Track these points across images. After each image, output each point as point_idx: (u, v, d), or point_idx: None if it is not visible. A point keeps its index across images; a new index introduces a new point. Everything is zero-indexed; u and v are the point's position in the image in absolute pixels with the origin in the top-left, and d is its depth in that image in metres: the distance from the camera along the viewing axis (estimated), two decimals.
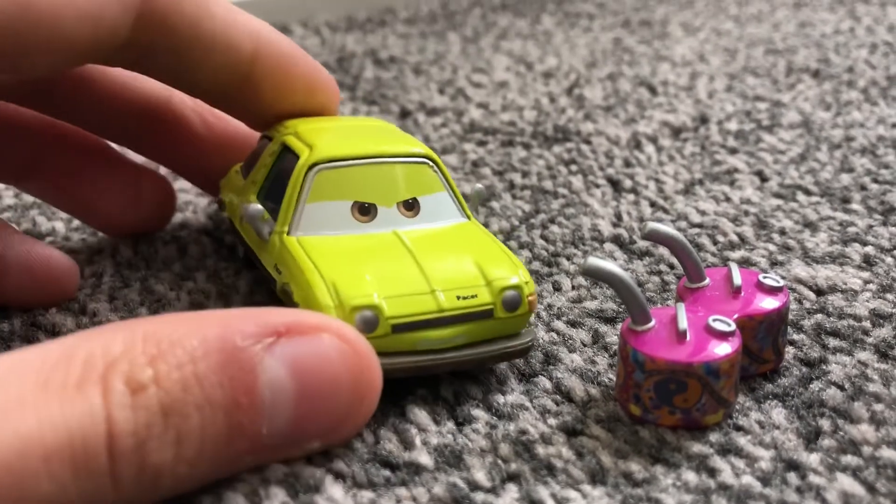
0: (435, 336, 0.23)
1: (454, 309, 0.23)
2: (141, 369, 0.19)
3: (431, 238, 0.26)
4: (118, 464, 0.18)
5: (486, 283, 0.24)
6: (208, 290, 0.30)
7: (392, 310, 0.23)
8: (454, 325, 0.23)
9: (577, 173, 0.39)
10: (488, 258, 0.25)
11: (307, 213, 0.25)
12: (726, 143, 0.42)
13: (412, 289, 0.23)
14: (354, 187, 0.26)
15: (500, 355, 0.24)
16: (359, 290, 0.23)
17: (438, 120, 0.47)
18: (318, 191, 0.26)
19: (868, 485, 0.21)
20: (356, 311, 0.22)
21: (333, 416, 0.21)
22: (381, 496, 0.21)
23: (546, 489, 0.21)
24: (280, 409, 0.20)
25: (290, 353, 0.20)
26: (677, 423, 0.23)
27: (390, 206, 0.26)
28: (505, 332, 0.24)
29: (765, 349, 0.25)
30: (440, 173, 0.27)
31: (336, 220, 0.25)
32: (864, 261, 0.31)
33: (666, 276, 0.31)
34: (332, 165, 0.26)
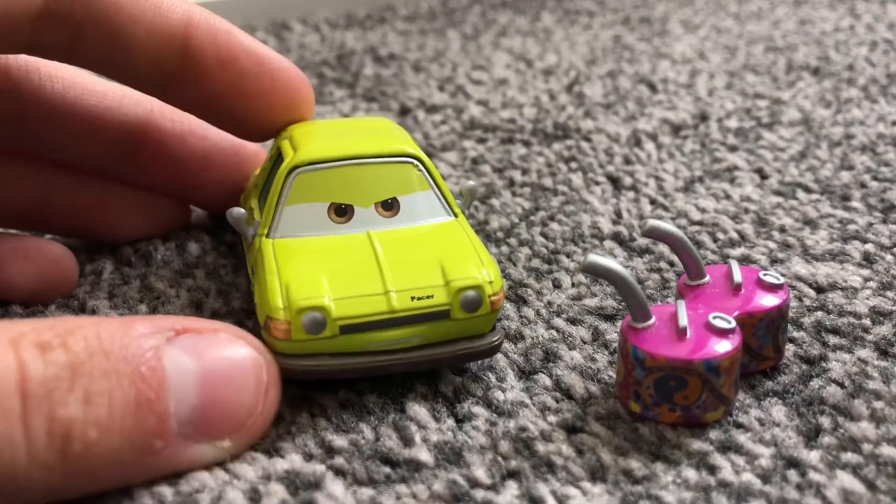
0: (386, 337, 0.23)
1: (406, 310, 0.23)
2: (49, 338, 0.20)
3: (403, 238, 0.25)
4: (29, 409, 0.19)
5: (445, 284, 0.24)
6: (207, 287, 0.30)
7: (340, 311, 0.23)
8: (407, 326, 0.23)
9: (576, 171, 0.39)
10: (456, 258, 0.24)
11: (286, 216, 0.25)
12: (726, 140, 0.42)
13: (366, 290, 0.23)
14: (332, 189, 0.26)
15: (458, 356, 0.24)
16: (309, 291, 0.23)
17: (438, 117, 0.47)
18: (297, 193, 0.26)
19: (868, 482, 0.21)
20: (303, 313, 0.22)
21: (241, 407, 0.22)
22: (382, 493, 0.21)
23: (546, 486, 0.21)
24: (185, 391, 0.21)
25: (191, 343, 0.21)
26: (677, 420, 0.23)
27: (367, 207, 0.26)
28: (468, 332, 0.24)
29: (765, 346, 0.25)
30: (426, 172, 0.27)
31: (313, 222, 0.25)
32: (864, 258, 0.31)
33: (666, 274, 0.31)
34: (312, 168, 0.26)
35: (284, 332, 0.22)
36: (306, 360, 0.23)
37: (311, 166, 0.26)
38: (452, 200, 0.27)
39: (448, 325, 0.24)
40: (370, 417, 0.23)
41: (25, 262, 0.29)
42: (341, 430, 0.23)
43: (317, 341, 0.23)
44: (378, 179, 0.26)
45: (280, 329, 0.23)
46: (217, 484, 0.21)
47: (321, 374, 0.23)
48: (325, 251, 0.25)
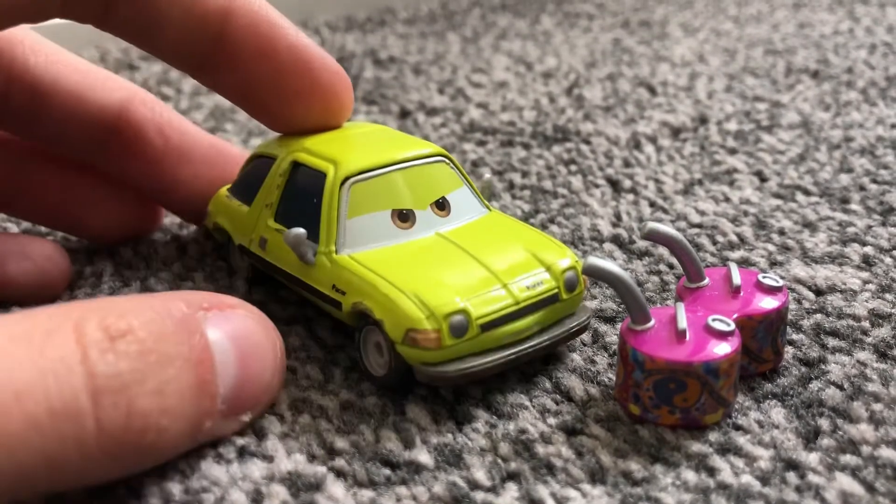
0: (516, 328, 0.24)
1: (528, 299, 0.24)
2: (115, 319, 0.19)
3: (474, 233, 0.26)
4: (102, 406, 0.18)
5: (547, 268, 0.24)
6: (206, 290, 0.30)
7: (478, 310, 0.23)
8: (530, 315, 0.24)
9: (576, 173, 0.39)
10: (537, 244, 0.25)
11: (350, 229, 0.25)
12: (725, 143, 0.42)
13: (486, 287, 0.24)
14: (389, 196, 0.26)
15: (568, 336, 0.25)
16: (443, 296, 0.23)
17: (438, 120, 0.47)
18: (356, 204, 0.25)
19: (867, 484, 0.21)
20: (449, 318, 0.23)
21: (263, 380, 0.22)
22: (382, 495, 0.21)
23: (546, 488, 0.21)
24: (227, 369, 0.21)
25: (222, 322, 0.21)
26: (677, 422, 0.23)
27: (425, 209, 0.26)
28: (566, 312, 0.25)
29: (764, 349, 0.25)
30: (456, 169, 0.27)
31: (380, 232, 0.25)
32: (864, 261, 0.31)
33: (665, 276, 0.31)
34: (364, 177, 0.26)
35: (436, 340, 0.22)
36: (456, 364, 0.23)
37: (362, 175, 0.26)
38: (481, 194, 0.28)
39: (557, 308, 0.24)
40: (370, 419, 0.23)
41: (22, 260, 0.29)
42: (342, 431, 0.23)
43: (462, 343, 0.23)
44: (425, 181, 0.26)
45: (431, 338, 0.22)
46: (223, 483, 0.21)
47: (473, 375, 0.23)
48: (413, 257, 0.25)
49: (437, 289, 0.23)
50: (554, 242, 0.25)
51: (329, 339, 0.27)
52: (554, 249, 0.25)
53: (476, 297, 0.23)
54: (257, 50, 0.26)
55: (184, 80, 0.54)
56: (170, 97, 0.51)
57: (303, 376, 0.25)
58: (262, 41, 0.26)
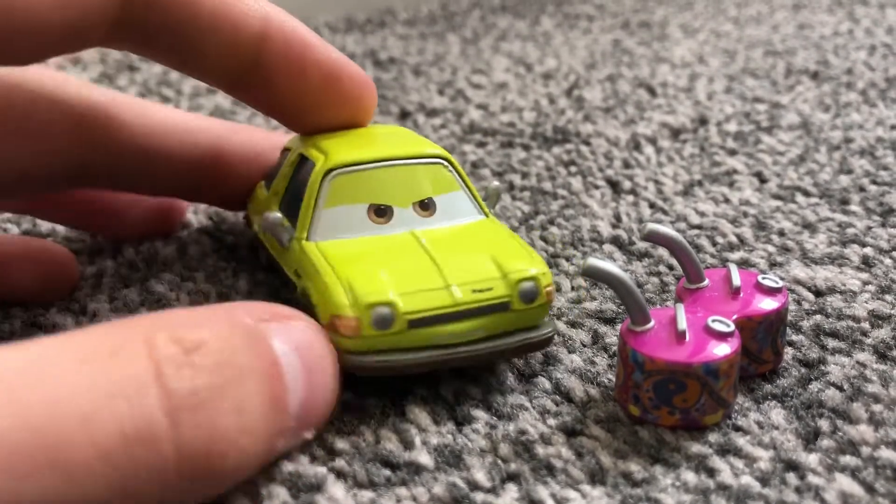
0: (451, 330, 0.23)
1: (470, 302, 0.23)
2: (188, 330, 0.18)
3: (448, 236, 0.26)
4: (181, 427, 0.17)
5: (503, 276, 0.24)
6: (208, 290, 0.30)
7: (407, 305, 0.23)
8: (471, 319, 0.23)
9: (576, 174, 0.40)
10: (505, 252, 0.25)
11: (324, 218, 0.26)
12: (725, 144, 0.42)
13: (427, 284, 0.23)
14: (370, 190, 0.26)
15: (519, 347, 0.24)
16: (374, 287, 0.23)
17: (438, 121, 0.47)
18: (335, 195, 0.26)
19: (867, 485, 0.21)
20: (371, 308, 0.22)
21: (327, 396, 0.21)
22: (382, 496, 0.21)
23: (546, 489, 0.21)
24: (296, 383, 0.20)
25: (286, 333, 0.21)
26: (676, 423, 0.23)
27: (406, 207, 0.26)
28: (524, 324, 0.24)
29: (764, 350, 0.25)
30: (455, 172, 0.27)
31: (353, 224, 0.26)
32: (863, 262, 0.31)
33: (665, 277, 0.31)
34: (347, 170, 0.26)
35: (354, 328, 0.22)
36: (376, 356, 0.23)
37: (347, 168, 0.26)
38: (481, 200, 0.28)
39: (508, 317, 0.24)
40: (370, 420, 0.23)
41: (27, 263, 0.29)
42: (343, 432, 0.23)
43: (385, 337, 0.23)
44: (413, 180, 0.26)
45: (349, 326, 0.23)
46: None
47: (392, 369, 0.23)
48: (373, 250, 0.25)
49: (373, 280, 0.23)
50: (529, 255, 0.25)
51: None
52: (522, 260, 0.24)
53: (411, 294, 0.23)
54: (291, 70, 0.27)
55: (184, 81, 0.54)
56: (170, 98, 0.51)
57: None
58: (295, 62, 0.27)
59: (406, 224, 0.26)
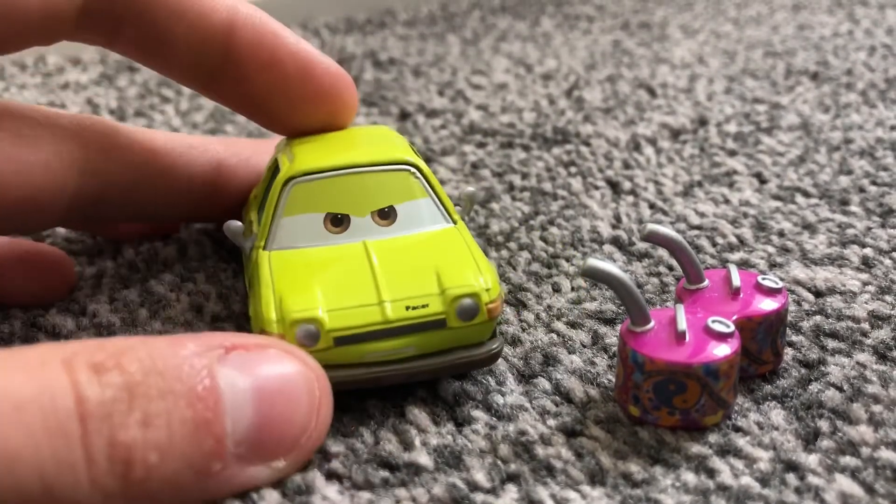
0: (381, 347, 0.23)
1: (401, 320, 0.23)
2: (102, 358, 0.19)
3: (399, 247, 0.25)
4: (89, 433, 0.18)
5: (440, 292, 0.23)
6: (208, 291, 0.30)
7: (334, 322, 0.23)
8: (402, 336, 0.23)
9: (576, 175, 0.40)
10: (453, 266, 0.24)
11: (283, 228, 0.25)
12: (725, 145, 0.42)
13: (360, 300, 0.23)
14: (328, 199, 0.26)
15: (455, 365, 0.24)
16: (302, 303, 0.23)
17: (438, 122, 0.47)
18: (294, 204, 0.26)
19: (867, 486, 0.21)
20: (296, 325, 0.22)
21: (294, 427, 0.21)
22: (380, 497, 0.21)
23: (545, 490, 0.21)
24: (241, 411, 0.20)
25: (242, 362, 0.21)
26: (676, 423, 0.23)
27: (363, 216, 0.26)
28: (465, 341, 0.24)
29: (763, 350, 0.25)
30: (423, 179, 0.27)
31: (309, 233, 0.25)
32: (863, 262, 0.31)
33: (665, 278, 0.31)
34: (307, 178, 0.26)
35: None
36: None
37: (307, 177, 0.26)
38: (451, 207, 0.27)
39: (444, 335, 0.23)
40: (370, 421, 0.23)
41: (22, 267, 0.29)
42: (340, 434, 0.23)
43: (312, 353, 0.22)
44: (374, 188, 0.26)
45: None
46: None
47: None
48: (320, 262, 0.25)
49: (304, 296, 0.23)
50: (478, 267, 0.24)
51: None
52: (467, 274, 0.24)
53: (341, 310, 0.23)
54: (262, 61, 0.27)
55: None
56: (170, 98, 0.51)
57: None
58: (265, 52, 0.27)
59: (362, 234, 0.25)
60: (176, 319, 0.28)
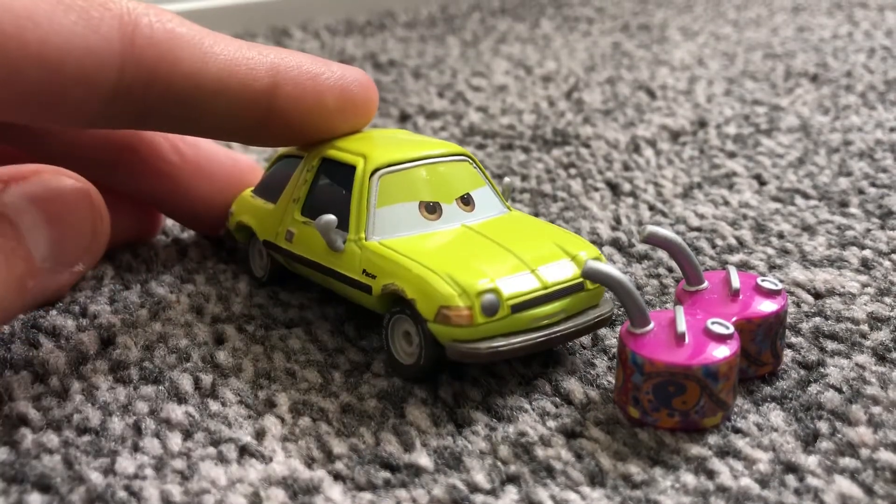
0: (544, 312, 0.24)
1: (556, 284, 0.24)
2: None
3: (499, 227, 0.27)
4: None
5: (572, 258, 0.25)
6: (208, 292, 0.30)
7: (509, 291, 0.24)
8: (557, 301, 0.24)
9: (576, 177, 0.40)
10: (559, 237, 0.26)
11: (380, 218, 0.26)
12: (725, 146, 0.43)
13: (515, 271, 0.24)
14: (417, 188, 0.27)
15: (592, 325, 0.25)
16: (474, 276, 0.24)
17: (438, 123, 0.47)
18: (385, 195, 0.26)
19: (866, 487, 0.21)
20: (482, 296, 0.23)
21: (83, 233, 0.25)
22: (381, 498, 0.21)
23: (545, 491, 0.21)
24: (37, 232, 0.24)
25: (25, 190, 0.24)
26: (676, 425, 0.23)
27: (451, 203, 0.27)
28: (591, 303, 0.25)
29: (763, 352, 0.25)
30: (479, 169, 0.28)
31: (408, 221, 0.26)
32: (862, 264, 0.31)
33: (665, 280, 0.31)
34: (393, 169, 0.27)
35: (468, 317, 0.23)
36: (487, 342, 0.23)
37: (392, 168, 0.27)
38: (501, 195, 0.28)
39: (582, 297, 0.25)
40: (370, 422, 0.23)
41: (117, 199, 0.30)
42: (342, 434, 0.23)
43: (492, 323, 0.23)
44: (451, 177, 0.27)
45: (463, 315, 0.23)
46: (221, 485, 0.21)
47: (504, 354, 0.23)
48: (443, 244, 0.26)
49: (468, 270, 0.24)
50: (576, 237, 0.26)
51: (329, 342, 0.27)
52: (577, 242, 0.26)
53: (506, 280, 0.24)
54: (306, 108, 0.27)
55: None
56: None
57: (302, 379, 0.25)
58: (309, 99, 0.26)
59: (455, 219, 0.27)
60: (176, 321, 0.28)
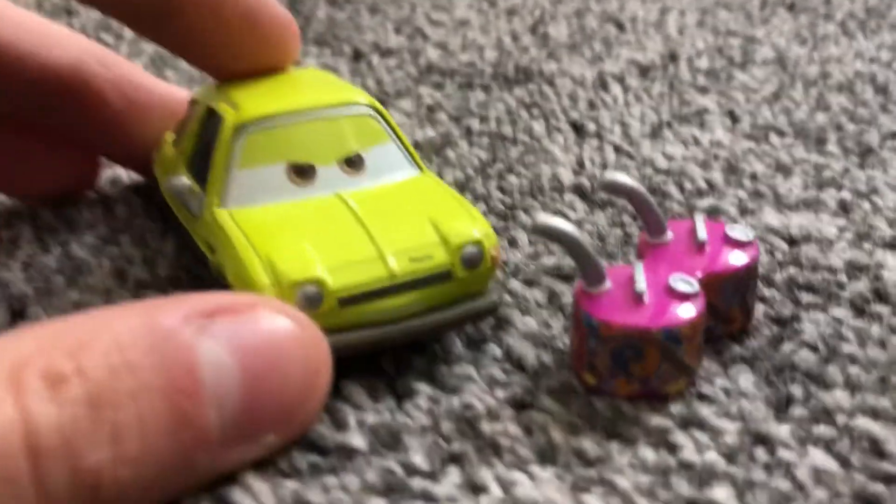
0: (388, 306, 0.21)
1: (407, 273, 0.21)
2: (60, 362, 0.16)
3: (379, 197, 0.23)
4: (43, 467, 0.16)
5: (442, 242, 0.22)
6: (132, 255, 0.27)
7: (337, 281, 0.21)
8: (409, 292, 0.21)
9: (538, 117, 0.37)
10: (444, 213, 0.23)
11: (238, 182, 0.23)
12: (696, 82, 0.40)
13: (359, 256, 0.21)
14: (288, 147, 0.23)
15: (463, 318, 0.22)
16: (298, 263, 0.21)
17: (393, 62, 0.44)
18: (249, 155, 0.23)
19: (841, 459, 0.19)
20: (297, 287, 0.20)
21: (286, 399, 0.19)
22: (307, 486, 0.19)
23: (490, 472, 0.19)
24: (227, 392, 0.18)
25: (228, 332, 0.18)
26: (635, 393, 0.21)
27: (330, 165, 0.24)
28: (467, 292, 0.22)
29: (732, 308, 0.23)
30: (384, 123, 0.25)
31: (271, 187, 0.23)
32: (840, 207, 0.29)
33: (629, 229, 0.28)
34: (261, 126, 0.23)
35: None
36: None
37: (261, 123, 0.23)
38: (414, 152, 0.25)
39: (450, 287, 0.22)
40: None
41: None
42: None
43: (314, 318, 0.20)
44: (337, 134, 0.24)
45: None
46: None
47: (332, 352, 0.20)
48: (295, 217, 0.22)
49: (297, 255, 0.21)
50: (470, 215, 0.23)
51: None
52: (464, 222, 0.22)
53: (341, 268, 0.21)
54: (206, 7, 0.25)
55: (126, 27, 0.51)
56: (109, 44, 0.48)
57: None
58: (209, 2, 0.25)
59: (331, 185, 0.23)
60: (95, 287, 0.26)
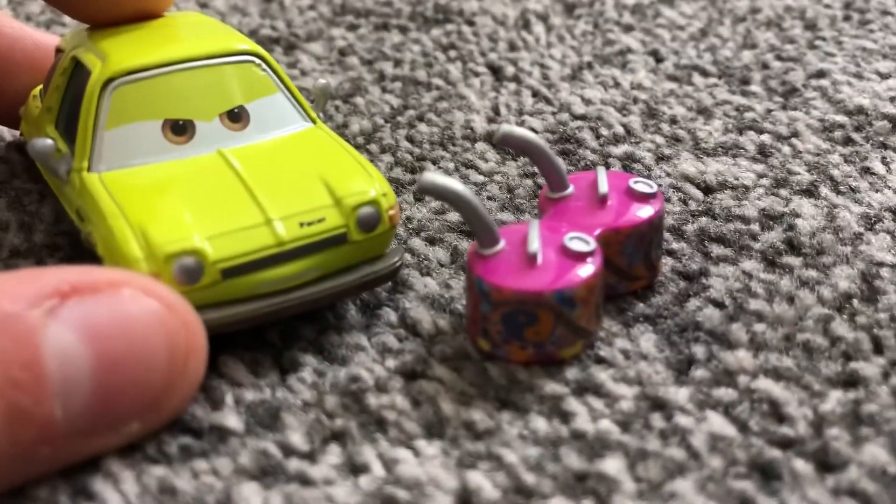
0: (277, 275, 0.20)
1: (297, 239, 0.20)
2: None
3: (265, 154, 0.22)
4: None
5: (336, 203, 0.20)
6: (7, 220, 0.25)
7: (219, 251, 0.19)
8: (300, 259, 0.20)
9: (455, 60, 0.35)
10: (337, 171, 0.21)
11: (108, 142, 0.21)
12: (622, 19, 0.38)
13: (243, 222, 0.20)
14: (164, 102, 0.22)
15: (362, 284, 0.21)
16: (174, 232, 0.19)
17: (306, 2, 0.42)
18: (119, 112, 0.21)
19: (740, 423, 0.18)
20: (173, 260, 0.19)
21: (150, 387, 0.17)
22: (175, 471, 0.18)
23: (372, 449, 0.18)
24: (76, 382, 0.16)
25: (81, 314, 0.17)
26: (530, 358, 0.20)
27: (211, 121, 0.22)
28: (365, 256, 0.21)
29: (635, 265, 0.22)
30: (271, 71, 0.23)
31: (145, 146, 0.21)
32: (759, 151, 0.28)
33: (540, 180, 0.27)
34: (133, 78, 0.22)
35: None
36: None
37: (132, 76, 0.21)
38: (306, 103, 0.23)
39: (346, 251, 0.20)
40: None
41: None
42: None
43: (195, 292, 0.19)
44: (218, 86, 0.22)
45: None
46: None
47: (218, 328, 0.19)
48: (172, 180, 0.21)
49: (173, 223, 0.19)
50: (366, 171, 0.21)
51: None
52: (359, 180, 0.21)
53: (223, 236, 0.19)
54: None
55: None
56: None
57: None
58: None
59: (212, 142, 0.22)
60: None
